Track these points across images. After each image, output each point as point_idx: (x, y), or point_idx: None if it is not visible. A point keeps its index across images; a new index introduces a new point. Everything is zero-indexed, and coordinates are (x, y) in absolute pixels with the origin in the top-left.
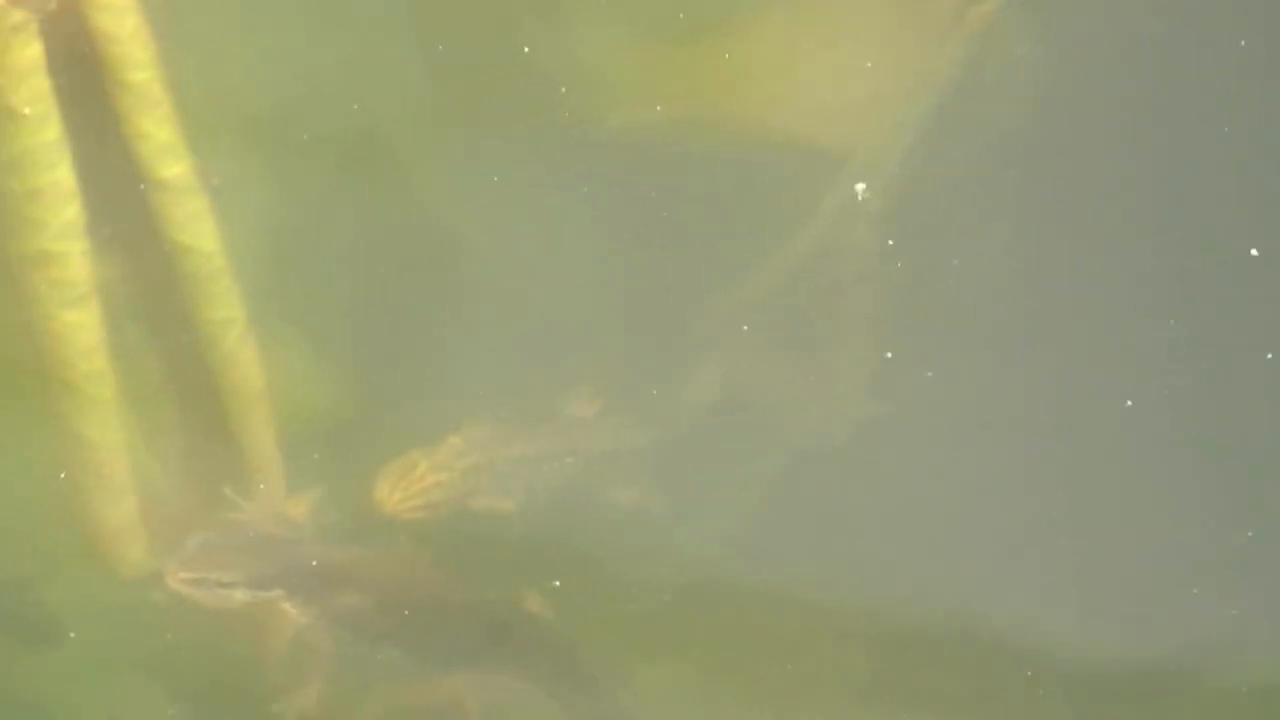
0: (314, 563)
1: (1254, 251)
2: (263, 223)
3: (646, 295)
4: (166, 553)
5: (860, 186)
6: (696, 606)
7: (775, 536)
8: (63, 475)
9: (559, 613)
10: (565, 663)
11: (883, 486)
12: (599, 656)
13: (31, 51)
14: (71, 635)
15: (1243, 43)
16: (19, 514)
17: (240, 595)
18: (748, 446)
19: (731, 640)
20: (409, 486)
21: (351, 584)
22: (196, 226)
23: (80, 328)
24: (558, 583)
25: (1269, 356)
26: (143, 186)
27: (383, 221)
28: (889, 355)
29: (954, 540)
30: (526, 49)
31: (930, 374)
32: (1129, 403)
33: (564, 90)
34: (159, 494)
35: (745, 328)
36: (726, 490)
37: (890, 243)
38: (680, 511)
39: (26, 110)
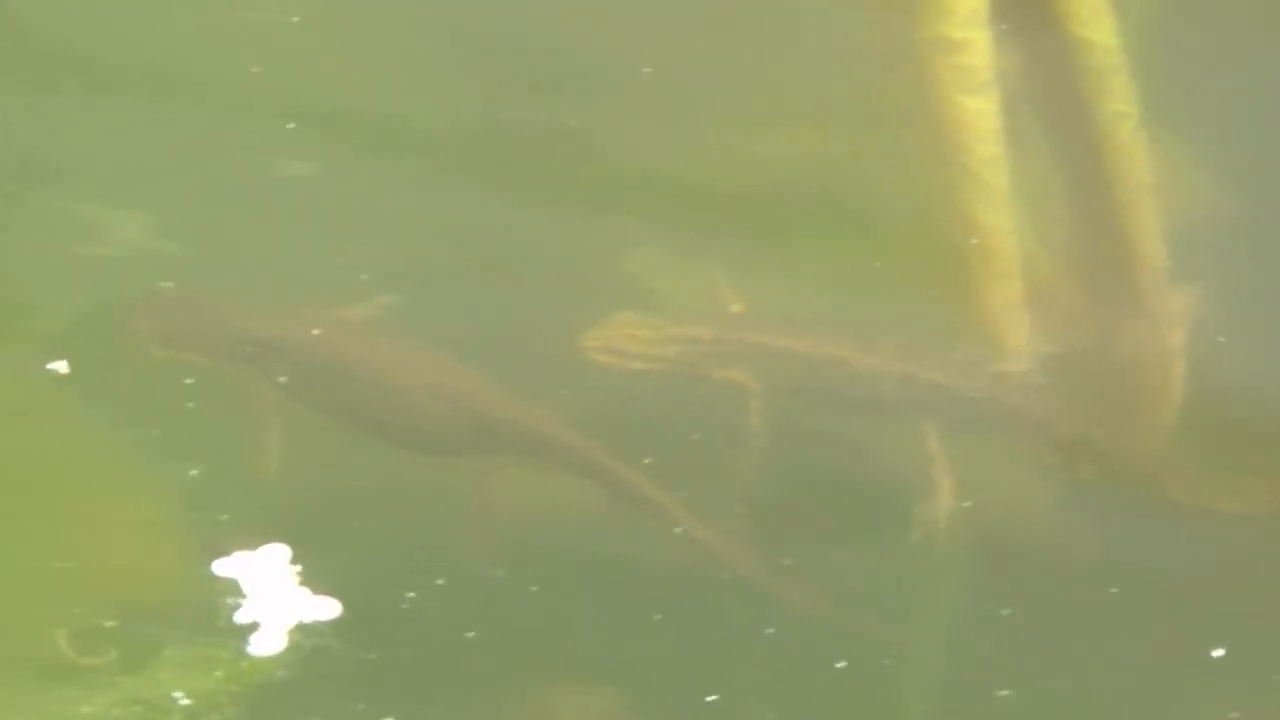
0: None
1: None
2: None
3: None
4: (1046, 340)
5: None
6: None
7: None
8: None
9: None
10: None
11: None
12: None
13: None
14: None
15: None
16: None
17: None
18: None
19: None
20: (605, 335)
21: None
22: (1098, 21)
23: (979, 114)
24: None
25: None
26: None
27: None
28: None
29: None
30: None
31: None
32: None
33: None
34: (1044, 281)
35: None
36: None
37: None
38: None
39: None
